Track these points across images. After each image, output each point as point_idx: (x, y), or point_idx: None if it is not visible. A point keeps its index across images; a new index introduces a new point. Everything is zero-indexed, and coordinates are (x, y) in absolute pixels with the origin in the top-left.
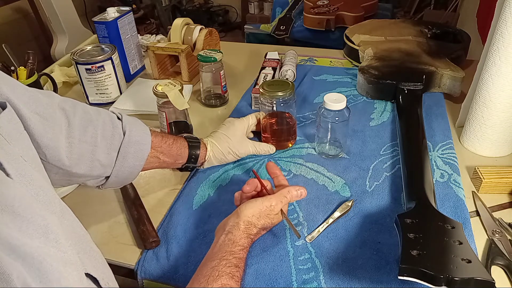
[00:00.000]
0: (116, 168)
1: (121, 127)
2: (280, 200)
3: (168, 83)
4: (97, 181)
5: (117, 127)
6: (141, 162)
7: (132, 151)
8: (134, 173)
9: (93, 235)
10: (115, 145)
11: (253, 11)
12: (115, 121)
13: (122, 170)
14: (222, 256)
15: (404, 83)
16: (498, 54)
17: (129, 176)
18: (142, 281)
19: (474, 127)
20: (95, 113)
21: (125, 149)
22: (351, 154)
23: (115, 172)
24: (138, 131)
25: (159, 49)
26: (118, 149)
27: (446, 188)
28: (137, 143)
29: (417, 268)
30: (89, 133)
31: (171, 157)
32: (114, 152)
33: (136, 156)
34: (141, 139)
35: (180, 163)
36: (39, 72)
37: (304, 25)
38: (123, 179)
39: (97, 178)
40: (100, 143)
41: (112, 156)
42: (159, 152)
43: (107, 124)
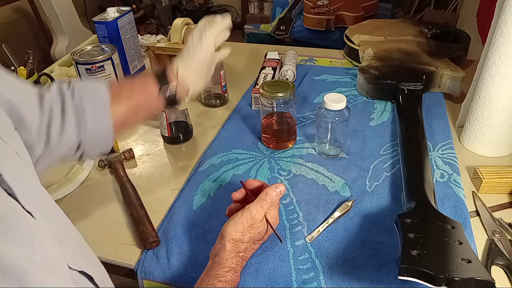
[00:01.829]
0: (81, 130)
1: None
2: (260, 206)
3: None
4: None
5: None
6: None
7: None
8: (106, 128)
9: (93, 235)
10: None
11: (253, 11)
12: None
13: (89, 131)
14: (207, 281)
15: (404, 83)
16: (498, 54)
17: (102, 134)
18: (142, 281)
19: (474, 127)
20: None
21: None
22: (351, 154)
23: (82, 135)
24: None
25: (159, 49)
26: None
27: (446, 188)
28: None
29: (417, 268)
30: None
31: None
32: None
33: (95, 109)
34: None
35: (154, 92)
36: (39, 72)
37: (304, 25)
38: (98, 140)
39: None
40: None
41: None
42: (124, 94)
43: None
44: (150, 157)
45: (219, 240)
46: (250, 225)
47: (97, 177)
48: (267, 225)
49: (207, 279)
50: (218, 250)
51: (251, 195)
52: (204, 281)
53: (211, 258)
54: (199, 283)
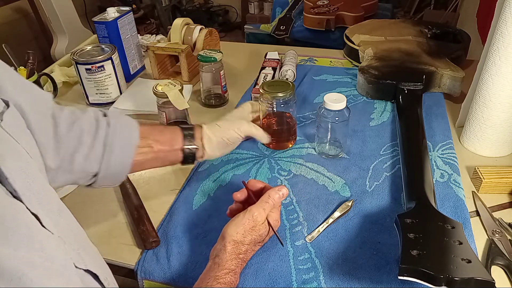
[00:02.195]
0: (104, 163)
1: (105, 121)
2: (262, 208)
3: (168, 83)
4: (87, 179)
5: (102, 121)
6: (130, 154)
7: (118, 142)
8: (125, 167)
9: (93, 235)
10: (100, 139)
11: (253, 11)
12: (100, 117)
13: (111, 165)
14: (206, 282)
15: (404, 83)
16: (498, 54)
17: (119, 172)
18: (142, 281)
19: (474, 127)
20: (80, 112)
21: (111, 141)
22: (351, 154)
23: (103, 167)
24: (123, 122)
25: (159, 49)
26: (104, 142)
27: (446, 188)
28: (123, 134)
29: (417, 268)
30: (74, 130)
31: (165, 144)
32: (99, 146)
33: (123, 148)
34: (127, 130)
35: (177, 149)
36: (39, 72)
37: (304, 25)
38: (113, 175)
39: (84, 175)
40: (85, 138)
41: (97, 150)
42: (151, 140)
43: (92, 120)
44: None
45: (219, 241)
46: (252, 227)
47: None
48: (269, 227)
49: (206, 280)
50: (218, 251)
51: (253, 196)
52: (203, 281)
53: (211, 259)
54: (198, 283)
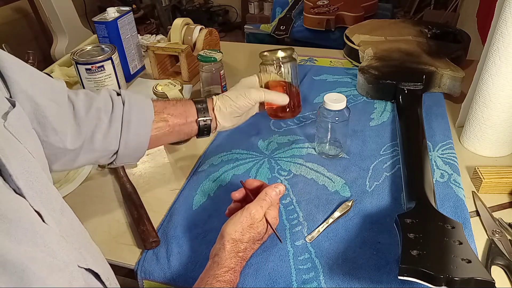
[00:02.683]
0: (123, 140)
1: (120, 99)
2: (259, 205)
3: (168, 83)
4: (107, 157)
5: (117, 100)
6: (147, 129)
7: (134, 118)
8: (143, 142)
9: (93, 235)
10: (117, 116)
11: (253, 11)
12: (114, 96)
13: (129, 141)
14: (206, 281)
15: (404, 83)
16: (498, 54)
17: (139, 147)
18: (142, 281)
19: (474, 127)
20: (95, 93)
21: (127, 117)
22: (351, 154)
23: (122, 143)
24: (138, 99)
25: (159, 49)
26: (121, 119)
27: (446, 188)
28: (138, 110)
29: (417, 268)
30: (93, 110)
31: (179, 117)
32: (117, 123)
33: (140, 123)
34: (142, 106)
35: (191, 121)
36: None
37: (304, 25)
38: (133, 151)
39: (105, 153)
40: (103, 117)
41: (115, 128)
42: (166, 113)
43: (107, 99)
44: (150, 157)
45: (218, 240)
46: (250, 225)
47: (97, 177)
48: (267, 225)
49: (206, 279)
50: (218, 250)
51: (250, 195)
52: (203, 280)
53: (210, 258)
54: (198, 283)
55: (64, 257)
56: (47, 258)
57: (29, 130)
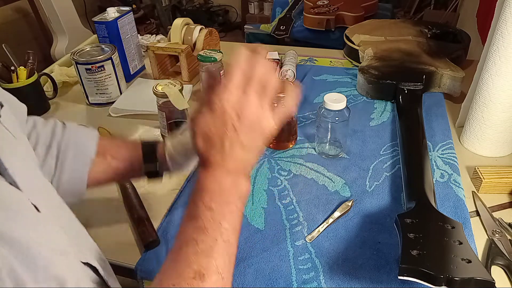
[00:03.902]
0: (56, 176)
1: (61, 133)
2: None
3: (168, 83)
4: None
5: (58, 134)
6: (84, 168)
7: (70, 155)
8: (79, 182)
9: (93, 235)
10: (53, 152)
11: (253, 11)
12: (57, 129)
13: (63, 179)
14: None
15: (404, 83)
16: (498, 54)
17: (75, 187)
18: (142, 281)
19: (474, 127)
20: (42, 124)
21: (64, 154)
22: (351, 154)
23: (55, 181)
24: (79, 135)
25: (159, 49)
26: (56, 155)
27: (446, 188)
28: (76, 146)
29: (417, 268)
30: (31, 141)
31: (123, 161)
32: (51, 160)
33: (77, 160)
34: (82, 142)
35: (137, 166)
36: (39, 72)
37: (304, 25)
38: (67, 191)
39: None
40: (40, 152)
41: (49, 164)
42: (108, 155)
43: (48, 132)
44: None
45: None
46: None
47: None
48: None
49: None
50: None
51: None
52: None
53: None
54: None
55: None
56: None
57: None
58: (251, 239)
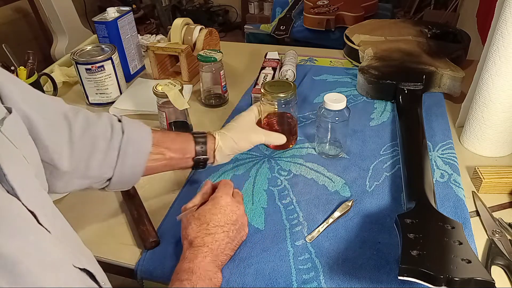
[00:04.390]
0: (118, 169)
1: (120, 127)
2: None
3: (168, 83)
4: (100, 183)
5: (116, 128)
6: (142, 160)
7: (131, 149)
8: (137, 172)
9: (93, 235)
10: (115, 146)
11: (253, 11)
12: (115, 123)
13: (124, 170)
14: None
15: (404, 83)
16: (498, 54)
17: (132, 177)
18: (142, 281)
19: (474, 127)
20: (95, 117)
21: (125, 148)
22: (351, 154)
23: (117, 172)
24: (137, 130)
25: (159, 49)
26: (118, 148)
27: (446, 188)
28: (136, 141)
29: (417, 268)
30: (89, 136)
31: (177, 152)
32: (114, 152)
33: (136, 154)
34: (141, 137)
35: (188, 157)
36: (39, 72)
37: (304, 25)
38: (126, 180)
39: (99, 180)
40: (100, 145)
41: (112, 156)
42: (163, 147)
43: (107, 126)
44: None
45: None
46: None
47: None
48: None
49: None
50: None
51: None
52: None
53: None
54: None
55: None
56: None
57: (25, 136)
58: (251, 239)
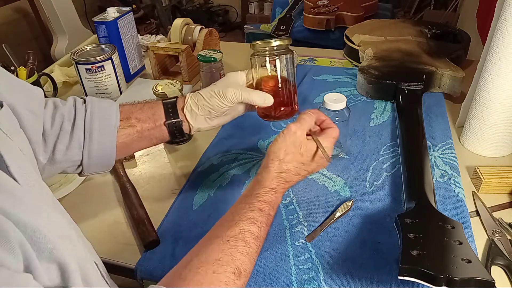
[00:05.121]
0: (86, 149)
1: (83, 107)
2: (299, 123)
3: (168, 83)
4: (73, 168)
5: (80, 108)
6: (112, 137)
7: (96, 126)
8: (108, 150)
9: (93, 235)
10: (79, 126)
11: (253, 11)
12: (79, 104)
13: (93, 150)
14: (245, 200)
15: (404, 83)
16: (498, 54)
17: (104, 156)
18: (142, 281)
19: (474, 127)
20: (61, 102)
21: (89, 126)
22: (351, 154)
23: (85, 153)
24: (101, 106)
25: (159, 49)
26: (83, 128)
27: (446, 188)
28: (101, 117)
29: (417, 268)
30: (56, 121)
31: (147, 121)
32: (79, 132)
33: (103, 131)
34: (106, 112)
35: (160, 124)
36: (39, 72)
37: (304, 25)
38: (99, 160)
39: (69, 163)
40: (66, 127)
41: (78, 137)
42: (133, 119)
43: (71, 108)
44: (150, 157)
45: (264, 160)
46: (293, 142)
47: (97, 177)
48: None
49: (245, 198)
50: (262, 169)
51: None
52: (244, 199)
53: (253, 180)
54: (239, 200)
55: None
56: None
57: (17, 128)
58: None
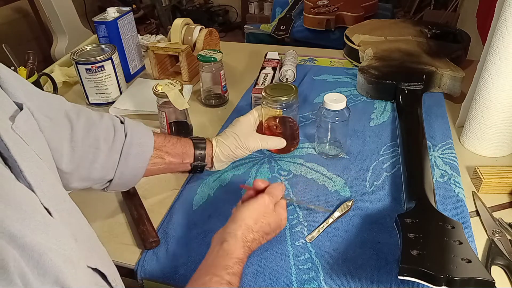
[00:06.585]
0: (119, 170)
1: (123, 130)
2: (271, 196)
3: (168, 83)
4: (101, 184)
5: (119, 130)
6: (144, 164)
7: (133, 152)
8: (138, 175)
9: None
10: (117, 148)
11: (253, 11)
12: (117, 125)
13: (125, 172)
14: (214, 271)
15: (404, 83)
16: (498, 54)
17: (133, 179)
18: (142, 281)
19: (474, 127)
20: (98, 118)
21: (127, 150)
22: (351, 154)
23: (118, 174)
24: (140, 133)
25: (159, 49)
26: (120, 151)
27: (446, 188)
28: (139, 145)
29: (417, 268)
30: (91, 137)
31: (176, 157)
32: (116, 155)
33: (138, 158)
34: (143, 141)
35: (187, 162)
36: (39, 72)
37: (304, 25)
38: (126, 182)
39: (100, 181)
40: (102, 146)
41: (114, 159)
42: (164, 152)
43: (110, 127)
44: None
45: (229, 225)
46: (264, 213)
47: None
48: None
49: (213, 269)
50: (228, 235)
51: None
52: (210, 269)
53: (217, 244)
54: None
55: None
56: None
57: (36, 132)
58: None
